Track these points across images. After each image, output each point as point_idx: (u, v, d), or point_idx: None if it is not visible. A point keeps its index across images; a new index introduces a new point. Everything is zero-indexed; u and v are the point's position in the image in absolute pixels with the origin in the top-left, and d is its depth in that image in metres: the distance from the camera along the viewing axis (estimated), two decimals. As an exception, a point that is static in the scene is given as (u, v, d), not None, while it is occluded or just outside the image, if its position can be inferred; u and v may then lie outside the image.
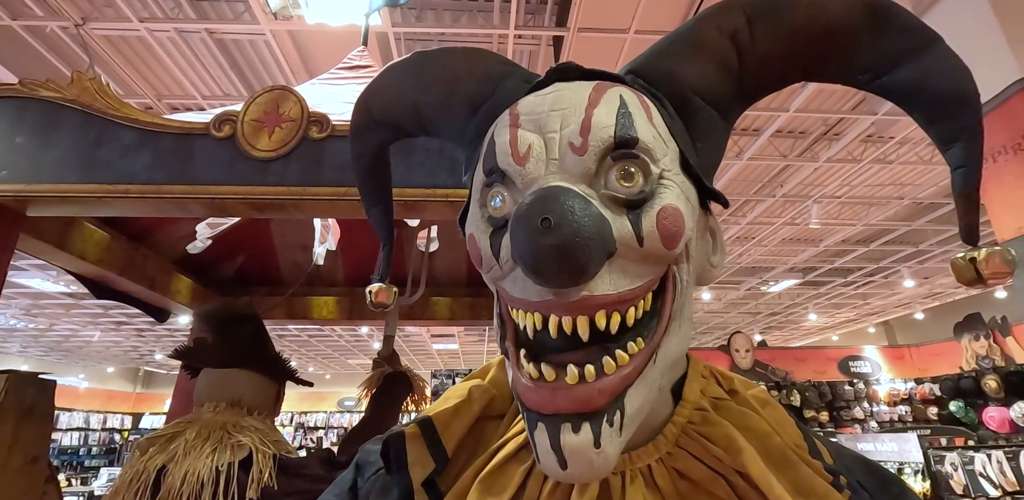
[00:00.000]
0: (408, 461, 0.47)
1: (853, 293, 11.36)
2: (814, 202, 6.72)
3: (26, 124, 1.32)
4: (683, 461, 0.45)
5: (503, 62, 0.55)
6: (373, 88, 0.62)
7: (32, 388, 1.62)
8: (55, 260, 1.62)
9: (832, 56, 0.48)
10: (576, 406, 0.37)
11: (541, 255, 0.36)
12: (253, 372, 1.56)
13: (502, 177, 0.43)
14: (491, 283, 0.48)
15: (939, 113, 0.45)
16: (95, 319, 11.96)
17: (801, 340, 16.72)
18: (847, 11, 0.45)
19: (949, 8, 3.18)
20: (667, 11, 3.92)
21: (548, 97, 0.46)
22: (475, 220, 0.47)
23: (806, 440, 0.49)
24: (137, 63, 4.77)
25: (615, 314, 0.39)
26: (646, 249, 0.40)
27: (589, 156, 0.41)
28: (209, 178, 1.27)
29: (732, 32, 0.48)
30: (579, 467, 0.36)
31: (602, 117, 0.42)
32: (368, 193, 0.68)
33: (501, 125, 0.46)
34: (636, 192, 0.41)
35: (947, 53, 0.45)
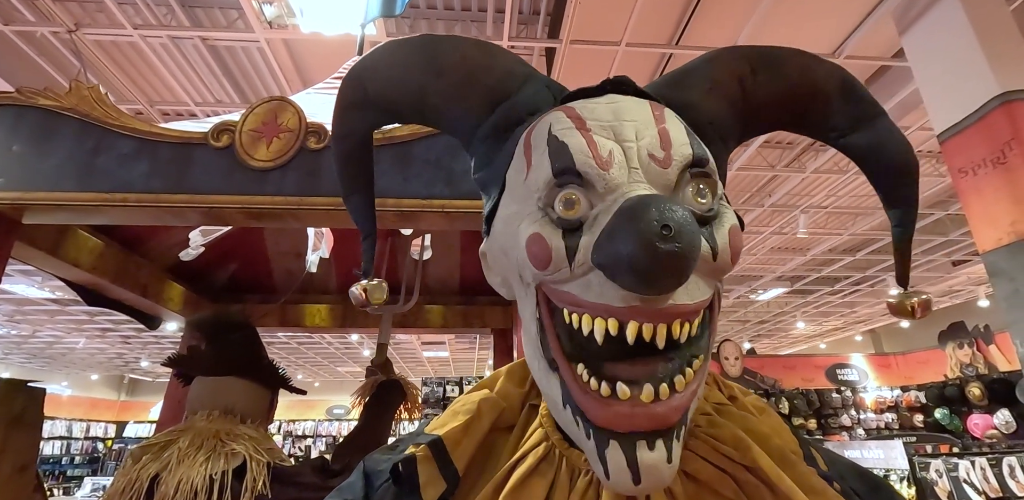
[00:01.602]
0: (420, 483, 0.47)
1: (840, 301, 11.49)
2: (801, 212, 6.82)
3: (23, 132, 1.33)
4: (692, 463, 0.46)
5: (523, 62, 0.56)
6: (370, 64, 0.58)
7: (21, 396, 1.61)
8: (48, 267, 1.62)
9: (812, 112, 0.57)
10: (654, 424, 0.38)
11: (660, 260, 0.35)
12: (246, 380, 1.56)
13: (578, 179, 0.43)
14: (526, 287, 0.46)
15: (885, 178, 0.56)
16: (80, 326, 11.78)
17: (789, 348, 16.84)
18: (827, 78, 0.56)
19: (931, 26, 3.27)
20: (657, 25, 4.00)
21: (609, 107, 0.46)
22: (532, 220, 0.44)
23: (801, 447, 0.51)
24: (129, 69, 4.76)
25: (686, 324, 0.41)
26: (717, 263, 0.42)
27: (672, 169, 0.43)
28: (207, 187, 1.28)
29: (740, 76, 0.54)
30: (652, 481, 0.38)
31: (677, 134, 0.45)
32: (349, 179, 0.64)
33: (562, 127, 0.45)
34: (707, 209, 0.43)
35: (893, 127, 0.56)
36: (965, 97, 2.97)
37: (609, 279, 0.38)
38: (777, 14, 3.81)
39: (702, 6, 3.86)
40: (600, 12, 3.69)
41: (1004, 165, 2.75)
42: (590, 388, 0.40)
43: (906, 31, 3.45)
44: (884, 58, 4.25)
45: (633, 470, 0.37)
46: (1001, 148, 2.76)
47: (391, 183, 1.29)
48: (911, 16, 3.39)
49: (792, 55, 0.56)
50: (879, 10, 3.64)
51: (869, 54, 4.20)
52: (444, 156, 1.29)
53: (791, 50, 0.56)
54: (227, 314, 1.66)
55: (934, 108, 3.22)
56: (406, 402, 1.84)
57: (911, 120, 4.91)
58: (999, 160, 2.77)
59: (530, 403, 0.53)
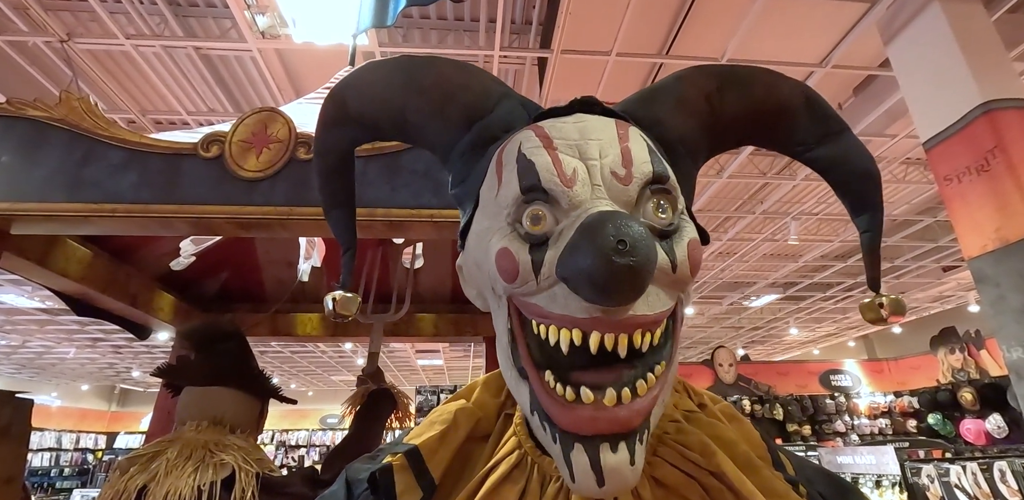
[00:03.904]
0: (397, 492, 0.48)
1: (833, 307, 11.55)
2: (792, 219, 6.88)
3: (12, 143, 1.33)
4: (660, 469, 0.48)
5: (499, 82, 0.58)
6: (352, 83, 0.60)
7: (8, 408, 1.60)
8: (37, 277, 1.62)
9: (778, 128, 0.59)
10: (616, 428, 0.40)
11: (615, 274, 0.36)
12: (236, 390, 1.56)
13: (544, 196, 0.44)
14: (498, 298, 0.48)
15: (851, 187, 0.59)
16: (71, 335, 11.66)
17: (783, 354, 16.89)
18: (792, 94, 0.58)
19: (915, 36, 3.34)
20: (647, 35, 4.05)
21: (576, 126, 0.48)
22: (501, 235, 0.46)
23: (770, 452, 0.53)
24: (121, 78, 4.76)
25: (647, 334, 0.42)
26: (677, 276, 0.44)
27: (633, 186, 0.44)
28: (196, 198, 1.29)
29: (707, 94, 0.56)
30: (616, 484, 0.39)
31: (638, 152, 0.46)
32: (330, 194, 0.65)
33: (531, 145, 0.47)
34: (667, 224, 0.45)
35: (856, 140, 0.59)
36: (949, 106, 3.02)
37: (572, 291, 0.40)
38: (765, 24, 3.87)
39: (691, 16, 3.92)
40: (591, 22, 3.73)
41: (988, 172, 2.79)
42: (556, 393, 0.41)
43: (891, 41, 3.51)
44: (871, 68, 4.32)
45: (597, 472, 0.39)
46: (984, 156, 2.81)
47: (380, 193, 1.30)
48: (896, 27, 3.45)
49: (758, 74, 0.58)
50: (865, 21, 3.70)
51: (856, 64, 4.27)
52: (432, 167, 1.30)
53: (757, 69, 0.58)
54: (216, 324, 1.65)
55: (919, 117, 3.27)
56: (397, 411, 1.83)
57: (899, 128, 4.98)
58: (983, 168, 2.81)
59: (506, 412, 0.55)
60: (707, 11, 3.85)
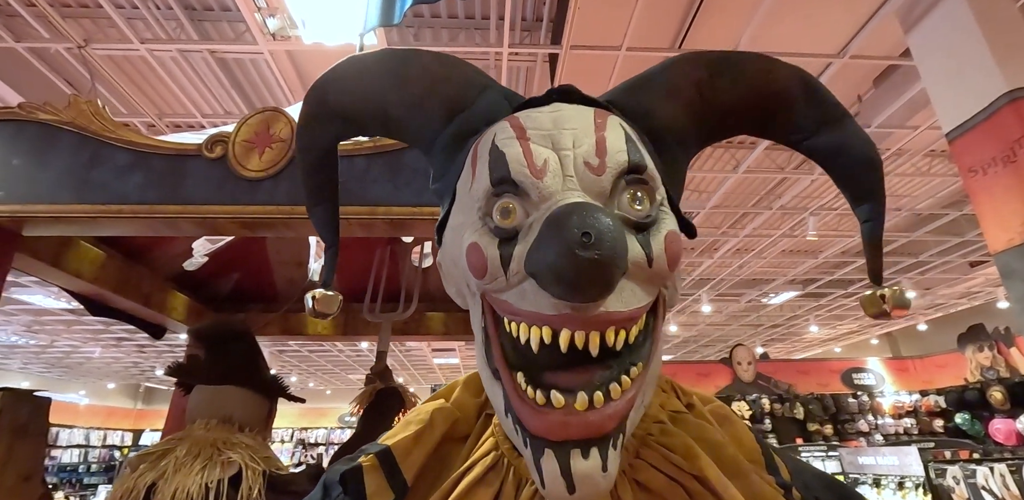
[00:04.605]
0: (368, 493, 0.47)
1: (853, 304, 11.31)
2: (811, 214, 6.74)
3: (23, 146, 1.36)
4: (643, 472, 0.46)
5: (481, 73, 0.56)
6: (332, 78, 0.58)
7: (27, 406, 1.63)
8: (51, 278, 1.65)
9: (776, 115, 0.56)
10: (588, 433, 0.38)
11: (580, 268, 0.35)
12: (245, 389, 1.57)
13: (514, 188, 0.43)
14: (473, 295, 0.47)
15: (852, 176, 0.55)
16: (96, 335, 11.96)
17: (804, 352, 16.60)
18: (788, 80, 0.55)
19: (936, 23, 3.23)
20: (659, 28, 3.99)
21: (552, 115, 0.47)
22: (472, 229, 0.45)
23: (764, 455, 0.51)
24: (140, 82, 4.85)
25: (621, 331, 0.40)
26: (654, 270, 0.42)
27: (607, 177, 0.43)
28: (200, 198, 1.30)
29: (698, 82, 0.54)
30: (587, 491, 0.37)
31: (614, 141, 0.44)
32: (313, 190, 0.64)
33: (505, 136, 0.46)
34: (644, 215, 0.43)
35: (857, 126, 0.55)
36: (972, 95, 2.92)
37: (541, 288, 0.38)
38: (780, 14, 3.79)
39: (704, 8, 3.85)
40: (601, 17, 3.69)
41: (1015, 163, 2.69)
42: (527, 397, 0.40)
43: (911, 29, 3.41)
44: (891, 57, 4.20)
45: (567, 479, 0.37)
46: (1011, 146, 2.71)
47: (382, 191, 1.29)
48: (916, 14, 3.35)
49: (751, 59, 0.55)
50: (884, 9, 3.60)
51: (876, 53, 4.16)
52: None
53: (750, 54, 0.56)
54: (227, 324, 1.67)
55: (942, 107, 3.17)
56: (404, 409, 1.84)
57: (921, 119, 4.84)
58: (1009, 159, 2.72)
59: (486, 412, 0.53)
60: (720, 2, 3.78)
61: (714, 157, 6.07)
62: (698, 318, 12.10)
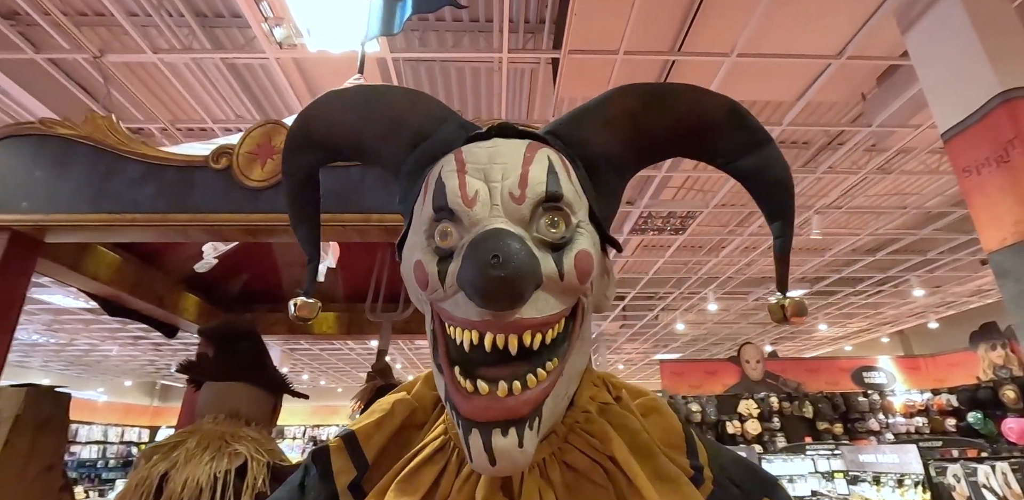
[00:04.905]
0: (333, 470, 0.55)
1: (863, 303, 11.25)
2: (815, 213, 6.74)
3: (44, 159, 1.45)
4: (570, 454, 0.53)
5: (442, 107, 0.63)
6: (313, 112, 0.65)
7: (48, 401, 1.73)
8: (71, 281, 1.75)
9: (703, 141, 0.62)
10: (506, 415, 0.45)
11: (490, 284, 0.43)
12: (251, 385, 1.66)
13: (451, 215, 0.51)
14: (424, 303, 0.55)
15: (767, 196, 0.61)
16: (113, 334, 12.22)
17: (814, 351, 16.50)
18: (715, 109, 0.60)
19: (932, 24, 3.25)
20: (658, 31, 4.03)
21: (489, 150, 0.54)
22: (420, 248, 0.53)
23: (686, 441, 0.58)
24: (154, 88, 4.98)
25: (538, 334, 0.48)
26: (565, 283, 0.50)
27: (526, 205, 0.50)
28: (207, 206, 1.39)
29: (632, 112, 0.60)
30: (505, 463, 0.45)
31: (536, 174, 0.52)
32: (296, 211, 0.70)
33: (448, 169, 0.53)
34: (559, 237, 0.50)
35: (776, 151, 0.61)
36: (967, 96, 2.94)
37: (468, 299, 0.46)
38: (779, 16, 3.82)
39: (703, 11, 3.89)
40: (599, 21, 3.75)
41: (1008, 163, 2.72)
42: (460, 386, 0.48)
43: (908, 30, 3.43)
44: (890, 57, 4.22)
45: (489, 453, 0.44)
46: (1004, 146, 2.74)
47: (376, 200, 1.37)
48: (913, 15, 3.37)
49: (681, 91, 0.60)
50: (881, 10, 3.62)
51: (876, 53, 4.17)
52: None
53: (681, 86, 0.61)
54: (234, 324, 1.76)
55: (938, 107, 3.20)
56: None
57: (922, 118, 4.83)
58: (1002, 159, 2.74)
59: (441, 404, 0.60)
60: (719, 4, 3.81)
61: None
62: (706, 316, 12.09)
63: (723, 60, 4.13)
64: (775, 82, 4.60)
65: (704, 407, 9.84)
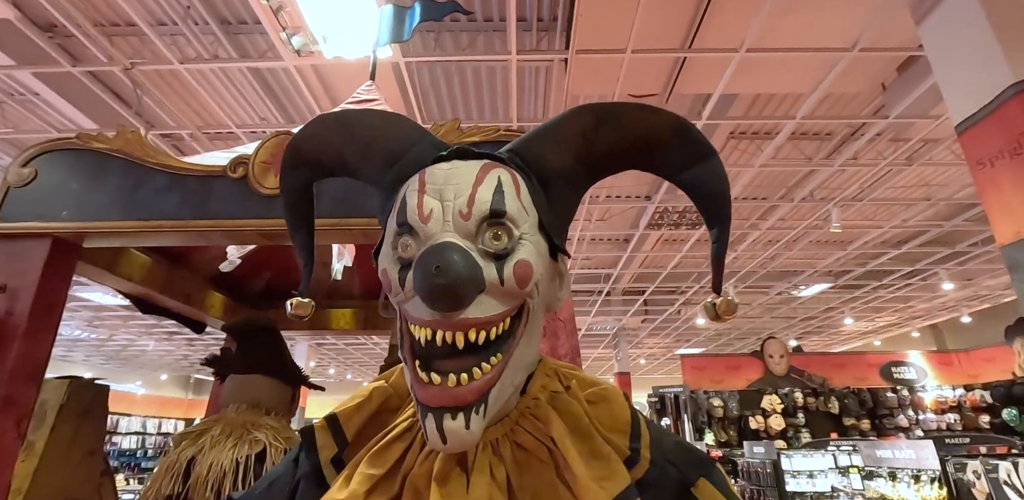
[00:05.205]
0: (317, 445, 0.65)
1: (891, 296, 11.00)
2: (834, 206, 6.63)
3: (81, 171, 1.59)
4: (521, 435, 0.62)
5: (416, 129, 0.70)
6: (303, 134, 0.73)
7: (89, 392, 1.90)
8: (107, 282, 1.90)
9: (650, 155, 0.68)
10: (455, 402, 0.53)
11: (433, 290, 0.51)
12: (270, 378, 1.79)
13: (410, 230, 0.59)
14: (396, 305, 0.63)
15: (706, 205, 0.68)
16: (149, 330, 12.74)
17: (841, 345, 16.19)
18: (662, 125, 0.66)
19: (946, 14, 3.21)
20: (668, 28, 4.04)
21: (447, 171, 0.62)
22: (388, 257, 0.61)
23: (631, 426, 0.65)
24: (183, 94, 5.20)
25: (482, 332, 0.56)
26: (506, 288, 0.57)
27: (472, 221, 0.58)
28: (226, 213, 1.50)
29: (584, 131, 0.67)
30: (454, 442, 0.53)
31: (483, 194, 0.59)
32: (293, 220, 0.79)
33: (412, 188, 0.61)
34: (502, 248, 0.58)
35: (718, 164, 0.67)
36: (980, 87, 2.90)
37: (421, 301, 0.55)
38: (791, 9, 3.79)
39: (713, 5, 3.88)
40: (606, 21, 3.78)
41: (1021, 156, 2.68)
42: (419, 376, 0.56)
43: (922, 21, 3.38)
44: (906, 48, 4.15)
45: (440, 433, 0.53)
46: (1017, 138, 2.70)
47: (372, 205, 1.47)
48: (926, 6, 3.32)
49: (630, 109, 0.66)
50: (895, 0, 3.57)
51: (893, 44, 4.11)
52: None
53: (631, 105, 0.67)
54: (254, 320, 1.89)
55: (951, 99, 3.15)
56: (413, 397, 2.03)
57: (942, 109, 4.73)
58: (1016, 151, 2.70)
59: None
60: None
61: (739, 149, 6.05)
62: (728, 311, 11.96)
63: (733, 56, 4.12)
64: (789, 75, 4.56)
65: (726, 402, 9.79)
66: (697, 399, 9.75)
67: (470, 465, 0.59)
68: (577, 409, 0.63)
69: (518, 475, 0.59)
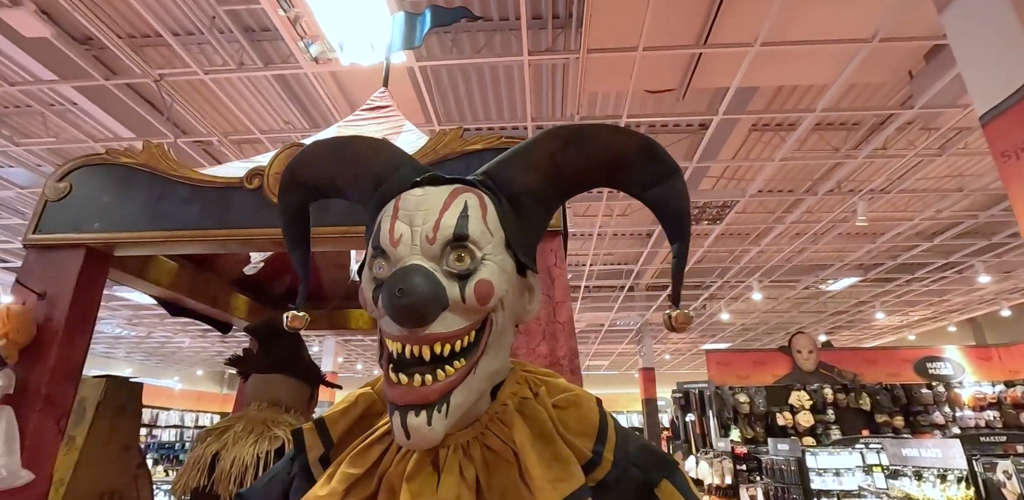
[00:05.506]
0: (306, 446, 0.71)
1: (926, 290, 10.67)
2: (860, 199, 6.47)
3: (111, 185, 1.70)
4: (490, 439, 0.66)
5: (400, 154, 0.76)
6: (298, 160, 0.78)
7: (124, 389, 2.02)
8: (137, 287, 2.02)
9: (617, 174, 0.72)
10: (417, 400, 0.59)
11: (397, 310, 0.57)
12: (290, 377, 1.88)
13: (383, 253, 0.64)
14: (376, 320, 0.68)
15: (668, 221, 0.71)
16: (184, 327, 13.22)
17: (874, 340, 15.77)
18: (628, 146, 0.70)
19: (967, 2, 3.11)
20: (682, 23, 4.01)
21: (417, 198, 0.67)
22: (366, 277, 0.65)
23: (598, 430, 0.68)
24: (212, 100, 5.38)
25: (447, 345, 0.61)
26: (467, 305, 0.62)
27: (437, 245, 0.63)
28: (243, 222, 1.59)
29: (552, 154, 0.71)
30: (417, 438, 0.58)
31: (448, 219, 0.64)
32: (291, 239, 0.83)
33: (386, 214, 0.66)
34: (464, 269, 0.63)
35: (680, 182, 0.71)
36: (1005, 77, 2.81)
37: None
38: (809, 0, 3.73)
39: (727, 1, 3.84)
40: (618, 19, 3.77)
41: (1047, 148, 2.60)
42: (391, 379, 0.61)
43: (944, 8, 3.28)
44: (928, 37, 4.02)
45: (404, 429, 0.58)
46: (1044, 131, 2.62)
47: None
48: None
49: (597, 131, 0.70)
50: (917, -12, 3.47)
51: (916, 33, 3.99)
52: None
53: (598, 127, 0.70)
54: (275, 322, 1.98)
55: (975, 89, 3.05)
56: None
57: (969, 99, 4.58)
58: (1042, 143, 2.62)
59: None
60: (744, -8, 3.75)
61: (762, 142, 5.95)
62: (751, 306, 11.79)
63: (749, 50, 4.07)
64: (810, 66, 4.47)
65: (752, 398, 9.65)
66: (722, 395, 9.65)
67: (441, 465, 0.64)
68: (542, 414, 0.67)
69: (487, 475, 0.64)
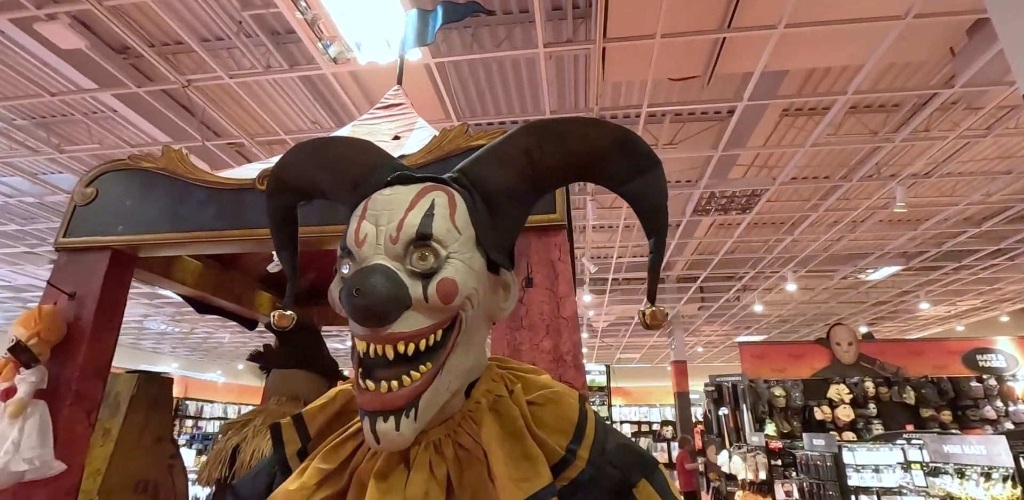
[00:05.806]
0: (284, 440, 0.73)
1: (974, 278, 10.16)
2: (899, 184, 6.19)
3: (135, 189, 1.77)
4: (461, 436, 0.66)
5: (380, 154, 0.76)
6: (282, 163, 0.80)
7: (156, 384, 2.11)
8: (163, 286, 2.10)
9: (594, 169, 0.71)
10: (385, 406, 0.59)
11: (355, 310, 0.57)
12: (309, 372, 1.93)
13: (349, 253, 0.65)
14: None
15: (646, 216, 0.70)
16: (224, 323, 13.70)
17: (920, 331, 15.13)
18: (604, 140, 0.69)
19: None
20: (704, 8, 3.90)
21: (385, 198, 0.67)
22: (336, 277, 0.66)
23: (575, 428, 0.67)
24: (242, 102, 5.53)
25: (411, 344, 0.61)
26: (430, 304, 0.62)
27: (400, 245, 0.63)
28: (256, 223, 1.64)
29: (527, 150, 0.70)
30: (386, 442, 0.59)
31: (412, 219, 0.64)
32: (278, 240, 0.86)
33: (356, 215, 0.67)
34: (428, 268, 0.62)
35: (659, 176, 0.69)
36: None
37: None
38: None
39: (751, -18, 3.72)
40: (636, 7, 3.70)
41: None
42: (359, 384, 0.62)
43: (984, -18, 3.09)
44: (967, 12, 3.80)
45: (374, 434, 0.59)
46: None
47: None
48: (989, -35, 3.03)
49: (572, 126, 0.69)
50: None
51: (953, 9, 3.78)
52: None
53: (573, 122, 0.69)
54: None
55: (1018, 64, 2.88)
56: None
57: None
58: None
59: None
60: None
61: (795, 127, 5.75)
62: (785, 297, 11.46)
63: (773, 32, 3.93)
64: (842, 47, 4.29)
65: (789, 392, 9.40)
66: (756, 388, 9.44)
67: (411, 463, 0.65)
68: (514, 412, 0.67)
69: (459, 473, 0.64)
